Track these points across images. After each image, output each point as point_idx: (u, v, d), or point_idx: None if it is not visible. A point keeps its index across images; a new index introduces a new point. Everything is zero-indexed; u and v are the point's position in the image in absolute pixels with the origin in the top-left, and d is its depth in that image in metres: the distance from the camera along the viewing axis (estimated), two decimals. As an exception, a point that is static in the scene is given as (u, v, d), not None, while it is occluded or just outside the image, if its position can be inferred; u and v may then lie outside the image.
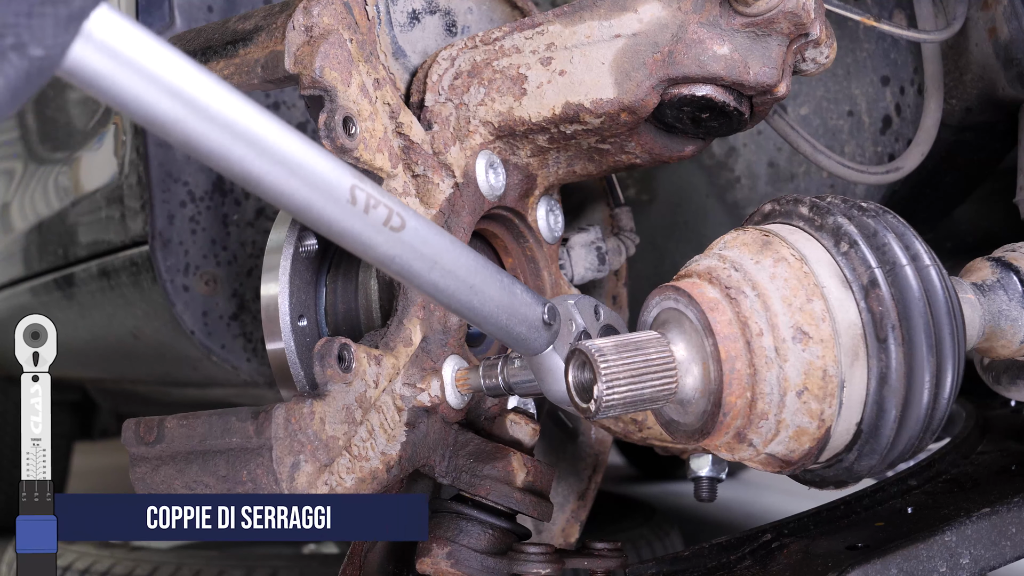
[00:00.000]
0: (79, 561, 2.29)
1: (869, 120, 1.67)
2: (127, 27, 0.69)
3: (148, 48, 0.71)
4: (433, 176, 1.21)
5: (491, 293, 1.03)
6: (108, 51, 0.68)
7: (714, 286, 0.99)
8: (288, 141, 0.81)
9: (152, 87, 0.71)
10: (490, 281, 1.03)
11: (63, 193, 2.26)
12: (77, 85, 0.68)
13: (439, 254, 0.96)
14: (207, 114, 0.75)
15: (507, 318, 1.06)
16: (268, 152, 0.79)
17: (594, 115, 1.21)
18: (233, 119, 0.77)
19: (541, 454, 1.48)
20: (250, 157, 0.78)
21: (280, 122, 0.81)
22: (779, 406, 0.97)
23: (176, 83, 0.73)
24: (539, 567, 1.20)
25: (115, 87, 0.70)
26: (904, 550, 1.18)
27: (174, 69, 0.72)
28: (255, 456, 1.04)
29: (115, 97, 0.70)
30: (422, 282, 0.96)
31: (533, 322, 1.09)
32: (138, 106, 0.71)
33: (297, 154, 0.82)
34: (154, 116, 0.73)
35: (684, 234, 1.96)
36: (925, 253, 1.02)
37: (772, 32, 1.15)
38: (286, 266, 1.21)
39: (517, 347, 1.11)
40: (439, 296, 0.99)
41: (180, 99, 0.73)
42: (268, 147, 0.79)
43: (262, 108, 0.80)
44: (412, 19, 1.28)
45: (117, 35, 0.68)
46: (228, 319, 1.85)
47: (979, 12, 1.49)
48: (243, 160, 0.78)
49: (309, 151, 0.83)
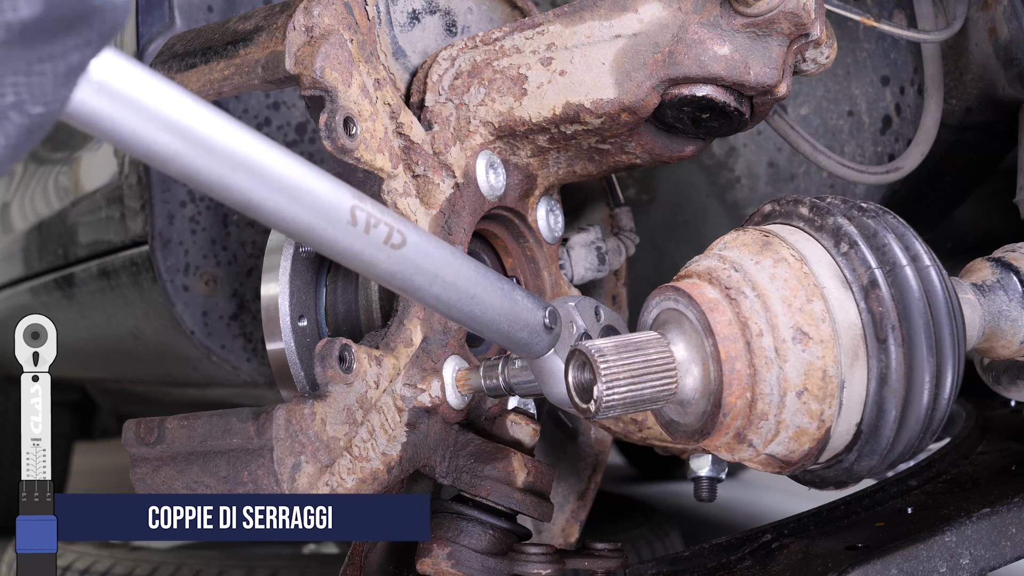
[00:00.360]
0: (79, 561, 2.29)
1: (869, 120, 1.67)
2: (124, 67, 0.69)
3: (145, 86, 0.71)
4: (433, 176, 1.21)
5: (492, 301, 1.03)
6: (106, 92, 0.68)
7: (714, 286, 0.99)
8: (288, 167, 0.81)
9: (150, 124, 0.72)
10: (491, 289, 1.03)
11: (63, 193, 2.26)
12: (75, 126, 0.69)
13: (440, 267, 0.96)
14: (205, 146, 0.75)
15: (509, 324, 1.06)
16: (268, 180, 0.80)
17: (594, 115, 1.21)
18: (232, 149, 0.77)
19: (541, 454, 1.48)
20: (250, 186, 0.79)
21: (279, 147, 0.81)
22: (779, 407, 0.97)
23: (174, 117, 0.73)
24: (539, 567, 1.20)
25: (113, 127, 0.70)
26: (904, 550, 1.18)
27: (171, 104, 0.73)
28: (256, 457, 1.04)
29: (114, 136, 0.71)
30: (424, 295, 0.97)
31: (534, 327, 1.10)
32: (137, 144, 0.72)
33: (297, 179, 0.82)
34: (153, 152, 0.73)
35: (684, 234, 1.96)
36: (925, 253, 1.02)
37: (772, 32, 1.16)
38: (286, 266, 1.21)
39: (519, 351, 1.12)
40: (441, 308, 0.99)
41: (178, 134, 0.73)
42: (268, 175, 0.80)
43: (260, 135, 0.80)
44: (412, 19, 1.28)
45: (115, 76, 0.69)
46: (228, 319, 1.85)
47: (979, 12, 1.49)
48: (244, 190, 0.79)
49: (308, 175, 0.83)
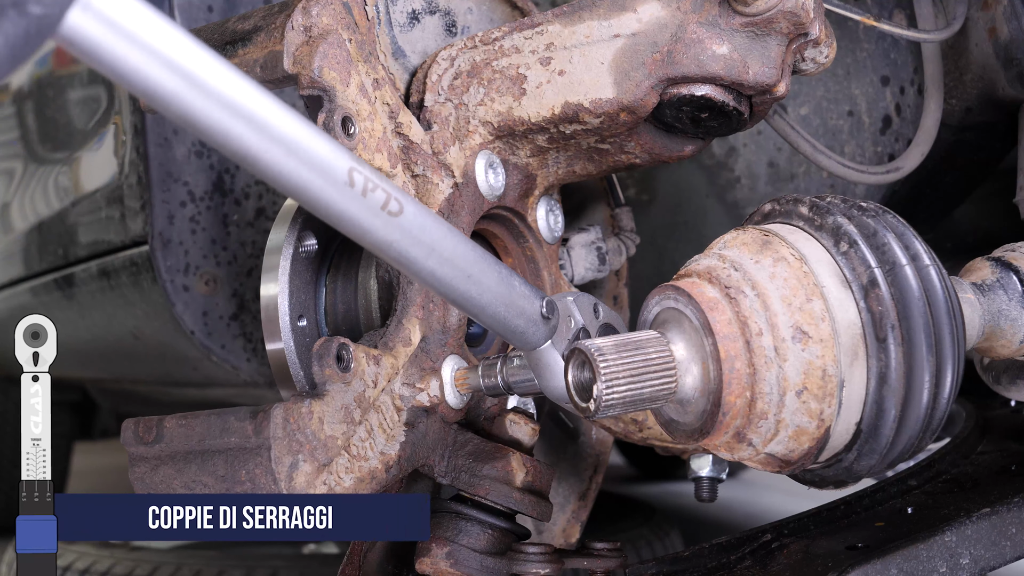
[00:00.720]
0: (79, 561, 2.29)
1: (869, 120, 1.67)
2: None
3: (148, 21, 0.70)
4: (432, 176, 1.21)
5: (489, 283, 1.02)
6: (107, 21, 0.67)
7: (714, 286, 0.99)
8: (287, 121, 0.81)
9: (151, 60, 0.71)
10: (488, 271, 1.02)
11: (63, 193, 2.26)
12: (75, 55, 0.68)
13: (437, 241, 0.95)
14: (206, 89, 0.74)
15: (505, 310, 1.05)
16: (266, 130, 0.79)
17: (593, 115, 1.21)
18: (232, 96, 0.76)
19: (542, 454, 1.48)
20: (248, 135, 0.78)
21: (280, 102, 0.81)
22: (778, 406, 0.97)
23: (175, 57, 0.72)
24: (538, 567, 1.20)
25: (113, 58, 0.69)
26: (904, 550, 1.18)
27: (173, 43, 0.72)
28: (253, 456, 1.03)
29: (113, 68, 0.70)
30: (419, 268, 0.95)
31: (531, 315, 1.09)
32: (136, 78, 0.71)
33: (296, 134, 0.81)
34: (152, 89, 0.72)
35: (684, 234, 1.96)
36: (925, 253, 1.02)
37: (771, 32, 1.15)
38: (286, 266, 1.21)
39: (515, 341, 1.11)
40: (436, 284, 0.98)
41: (179, 73, 0.72)
42: (266, 125, 0.79)
43: (261, 87, 0.79)
44: (412, 19, 1.28)
45: (117, 5, 0.68)
46: (228, 319, 1.85)
47: (979, 12, 1.48)
48: (241, 137, 0.78)
49: (308, 131, 0.82)
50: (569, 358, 0.99)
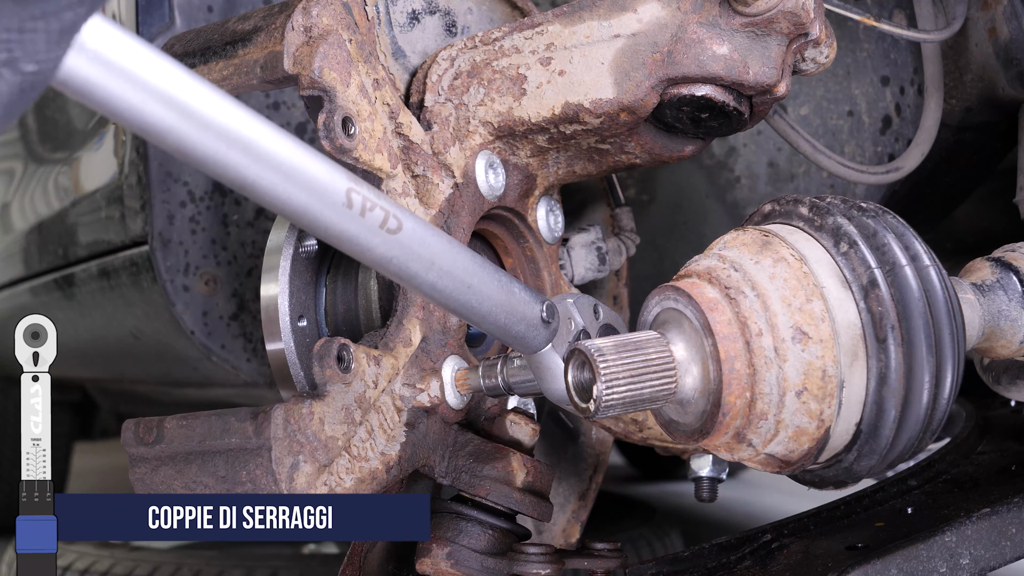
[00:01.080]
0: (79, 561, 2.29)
1: (869, 120, 1.67)
2: (120, 37, 0.69)
3: (141, 57, 0.71)
4: (433, 176, 1.21)
5: (489, 292, 1.03)
6: (101, 61, 0.68)
7: (714, 286, 0.99)
8: (283, 146, 0.81)
9: (146, 96, 0.71)
10: (488, 280, 1.03)
11: (63, 193, 2.26)
12: (70, 96, 0.68)
13: (436, 255, 0.96)
14: (201, 121, 0.75)
15: (505, 316, 1.06)
16: (263, 158, 0.79)
17: (593, 115, 1.21)
18: (227, 125, 0.77)
19: (542, 455, 1.48)
20: (245, 163, 0.78)
21: (275, 127, 0.81)
22: (778, 406, 0.97)
23: (169, 91, 0.73)
24: (539, 567, 1.20)
25: (109, 97, 0.70)
26: (904, 550, 1.18)
27: (167, 77, 0.72)
28: (254, 456, 1.03)
29: (109, 107, 0.70)
30: (420, 283, 0.96)
31: (531, 320, 1.09)
32: (132, 115, 0.71)
33: (292, 159, 0.82)
34: (148, 125, 0.73)
35: (684, 234, 1.96)
36: (925, 253, 1.02)
37: (771, 32, 1.15)
38: (286, 266, 1.21)
39: (516, 345, 1.11)
40: (437, 297, 0.99)
41: (174, 107, 0.73)
42: (263, 152, 0.79)
43: (256, 113, 0.80)
44: (412, 19, 1.28)
45: (110, 45, 0.68)
46: (228, 319, 1.85)
47: (979, 12, 1.49)
48: (238, 166, 0.78)
49: (304, 155, 0.83)
50: (569, 359, 0.99)
